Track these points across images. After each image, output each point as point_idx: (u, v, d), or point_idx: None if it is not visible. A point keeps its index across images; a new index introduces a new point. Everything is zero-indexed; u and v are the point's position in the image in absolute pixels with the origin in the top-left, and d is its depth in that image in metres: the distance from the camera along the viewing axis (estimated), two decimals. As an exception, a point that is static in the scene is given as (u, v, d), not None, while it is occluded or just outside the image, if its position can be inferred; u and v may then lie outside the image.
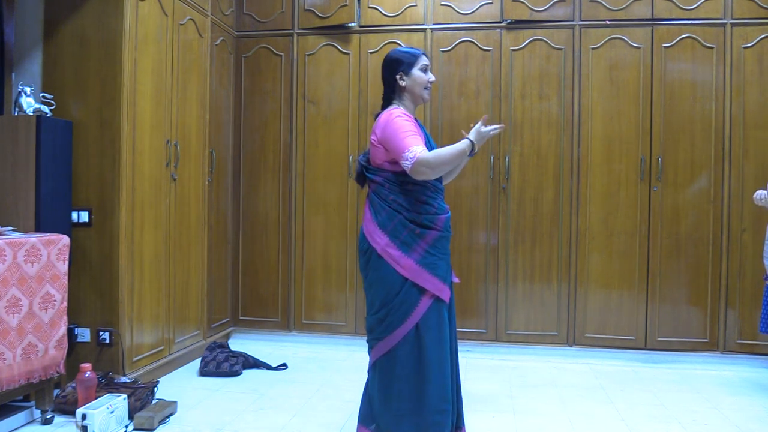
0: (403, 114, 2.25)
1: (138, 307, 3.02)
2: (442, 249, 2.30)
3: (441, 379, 2.22)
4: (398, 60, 2.33)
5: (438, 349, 2.24)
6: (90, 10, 2.91)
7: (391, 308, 2.24)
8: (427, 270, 2.23)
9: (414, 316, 2.22)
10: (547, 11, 3.72)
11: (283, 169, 4.05)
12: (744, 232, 3.53)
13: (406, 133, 2.17)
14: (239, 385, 3.14)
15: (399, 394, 2.23)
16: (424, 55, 2.35)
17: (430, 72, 2.36)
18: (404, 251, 2.23)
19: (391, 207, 2.27)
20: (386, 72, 2.36)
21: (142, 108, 3.02)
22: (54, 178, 2.72)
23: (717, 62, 3.58)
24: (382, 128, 2.24)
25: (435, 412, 2.20)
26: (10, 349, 2.30)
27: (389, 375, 2.27)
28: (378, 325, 2.29)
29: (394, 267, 2.24)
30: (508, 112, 3.77)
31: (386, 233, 2.26)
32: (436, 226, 2.28)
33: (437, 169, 2.16)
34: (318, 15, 3.97)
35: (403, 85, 2.32)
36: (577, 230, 3.70)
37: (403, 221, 2.25)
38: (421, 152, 2.13)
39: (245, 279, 4.10)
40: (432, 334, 2.23)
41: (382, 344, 2.28)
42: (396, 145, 2.19)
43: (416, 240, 2.24)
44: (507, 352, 3.75)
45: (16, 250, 2.33)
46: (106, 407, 2.38)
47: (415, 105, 2.37)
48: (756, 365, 3.51)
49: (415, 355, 2.22)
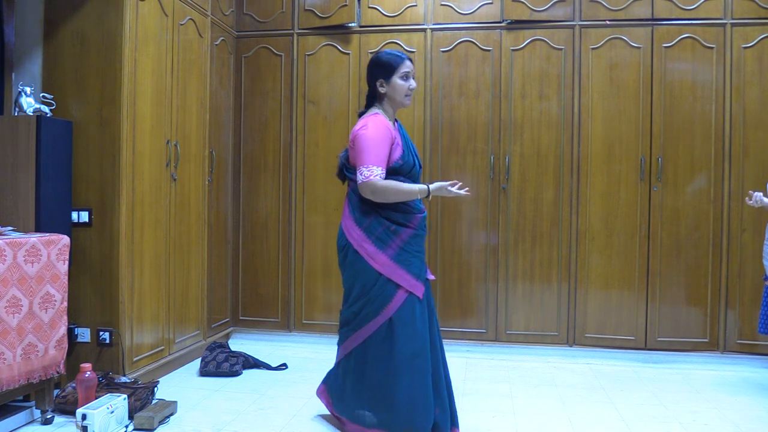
0: (382, 125, 2.32)
1: (138, 307, 3.02)
2: (416, 247, 2.38)
3: (411, 374, 2.27)
4: (380, 66, 2.39)
5: (411, 344, 2.29)
6: (90, 10, 2.91)
7: (366, 301, 2.33)
8: (401, 266, 2.32)
9: (388, 311, 2.30)
10: (547, 11, 3.72)
11: (283, 169, 4.05)
12: (744, 232, 3.53)
13: (371, 149, 2.27)
14: (239, 385, 3.14)
15: (370, 385, 2.32)
16: (407, 61, 2.39)
17: (412, 78, 2.41)
18: (379, 247, 2.32)
19: (368, 204, 2.35)
20: (368, 76, 2.44)
21: (142, 108, 3.03)
22: (54, 178, 2.72)
23: (717, 62, 3.58)
24: (356, 134, 2.34)
25: (403, 406, 2.25)
26: (10, 349, 2.30)
27: (362, 366, 2.35)
28: (353, 317, 2.38)
29: (369, 262, 2.33)
30: (508, 112, 3.77)
31: (362, 229, 2.36)
32: (411, 224, 2.36)
33: (380, 197, 2.29)
34: (318, 15, 3.97)
35: (383, 92, 2.40)
36: (577, 230, 3.70)
37: (379, 218, 2.34)
38: (375, 177, 2.26)
39: (245, 279, 4.10)
40: (405, 329, 2.29)
41: (356, 336, 2.38)
42: (360, 157, 2.30)
43: (391, 237, 2.33)
44: (507, 352, 3.75)
45: (16, 250, 2.33)
46: (106, 407, 2.38)
47: (395, 110, 2.44)
48: (756, 365, 3.51)
49: (387, 348, 2.29)
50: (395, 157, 2.34)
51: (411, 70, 2.39)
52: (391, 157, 2.34)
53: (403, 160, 2.36)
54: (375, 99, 2.44)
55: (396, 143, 2.36)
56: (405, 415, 2.24)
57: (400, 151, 2.36)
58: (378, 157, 2.26)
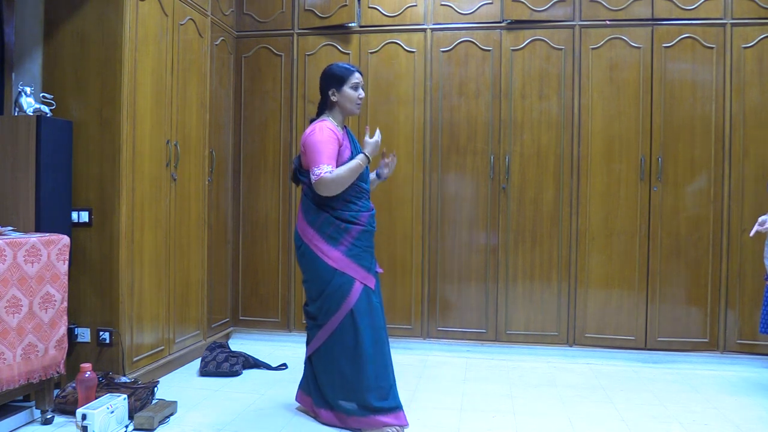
0: (327, 129, 2.51)
1: (138, 307, 3.02)
2: (366, 242, 2.58)
3: (375, 359, 2.49)
4: (331, 77, 2.61)
5: (371, 332, 2.51)
6: (90, 10, 2.91)
7: (327, 296, 2.52)
8: (353, 260, 2.52)
9: (347, 303, 2.49)
10: (547, 11, 3.72)
11: (283, 169, 4.04)
12: (744, 232, 3.53)
13: (321, 150, 2.45)
14: (239, 385, 3.14)
15: (341, 373, 2.50)
16: (357, 72, 2.62)
17: (361, 89, 2.63)
18: (331, 244, 2.52)
19: (318, 206, 2.55)
20: (321, 86, 2.65)
21: (142, 108, 3.02)
22: (54, 178, 2.72)
23: (717, 62, 3.58)
24: (305, 139, 2.54)
25: (372, 389, 2.47)
26: (10, 349, 2.30)
27: (331, 357, 2.54)
28: (319, 312, 2.56)
29: (323, 259, 2.52)
30: (508, 112, 3.77)
31: (315, 229, 2.55)
32: (360, 221, 2.55)
33: (336, 187, 2.45)
34: (318, 15, 3.97)
35: (334, 101, 2.61)
36: (577, 230, 3.70)
37: (329, 218, 2.53)
38: (325, 173, 2.42)
39: (245, 279, 4.10)
40: (364, 318, 2.50)
41: (323, 331, 2.55)
42: (310, 158, 2.49)
43: (342, 234, 2.52)
44: (507, 352, 3.75)
45: (16, 250, 2.33)
46: (106, 407, 2.38)
47: (344, 116, 2.65)
48: (756, 365, 3.51)
49: (352, 338, 2.49)
50: (344, 158, 2.53)
51: (360, 82, 2.61)
52: (341, 159, 2.52)
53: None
54: (325, 107, 2.63)
55: (344, 146, 2.56)
56: (376, 398, 2.45)
57: (348, 153, 2.56)
58: (326, 156, 2.44)
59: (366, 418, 2.46)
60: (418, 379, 3.27)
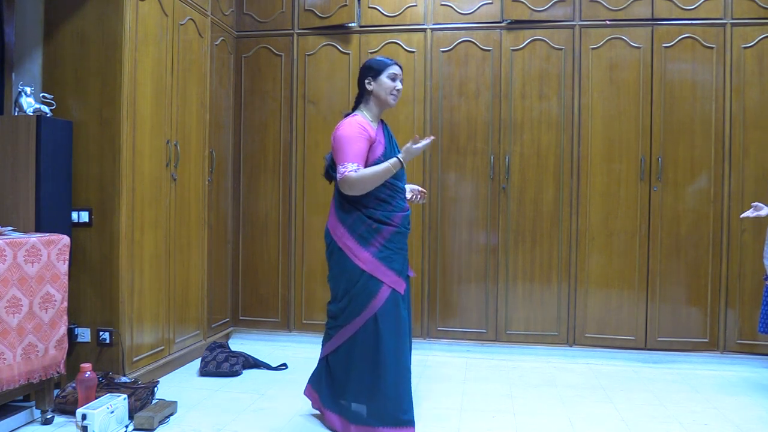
0: (357, 124, 2.42)
1: (138, 307, 3.02)
2: (398, 244, 2.46)
3: (396, 367, 2.37)
4: (369, 67, 2.54)
5: (395, 338, 2.40)
6: (90, 10, 2.91)
7: (352, 297, 2.42)
8: (383, 263, 2.41)
9: (372, 306, 2.38)
10: (547, 11, 3.72)
11: (283, 169, 4.05)
12: (744, 232, 3.53)
13: (348, 147, 2.37)
14: (239, 385, 3.14)
15: (357, 379, 2.40)
16: (396, 65, 2.53)
17: (400, 81, 2.53)
18: (362, 244, 2.41)
19: (351, 203, 2.45)
20: (359, 77, 2.57)
21: (142, 108, 3.03)
22: (54, 178, 2.72)
23: (717, 62, 3.58)
24: (334, 134, 2.46)
25: (390, 400, 2.35)
26: (11, 349, 2.30)
27: (349, 361, 2.44)
28: (341, 313, 2.47)
29: (352, 259, 2.42)
30: (508, 112, 3.77)
31: (345, 227, 2.45)
32: (393, 222, 2.44)
33: (359, 188, 2.36)
34: (318, 15, 3.97)
35: (370, 89, 2.51)
36: (577, 230, 3.70)
37: (362, 217, 2.42)
38: (350, 172, 2.34)
39: (245, 279, 4.10)
40: (389, 324, 2.39)
41: (343, 331, 2.46)
42: (337, 156, 2.41)
43: (373, 234, 2.41)
44: (507, 352, 3.75)
45: (16, 250, 2.33)
46: (106, 407, 2.38)
47: (380, 109, 2.55)
48: (756, 365, 3.51)
49: (373, 343, 2.38)
50: (377, 155, 2.43)
51: (399, 74, 2.53)
52: (373, 155, 2.43)
53: (385, 158, 2.44)
54: (361, 101, 2.55)
55: (377, 141, 2.46)
56: (391, 408, 2.34)
57: (381, 149, 2.46)
58: (352, 154, 2.36)
59: (370, 428, 2.35)
60: (419, 379, 3.28)
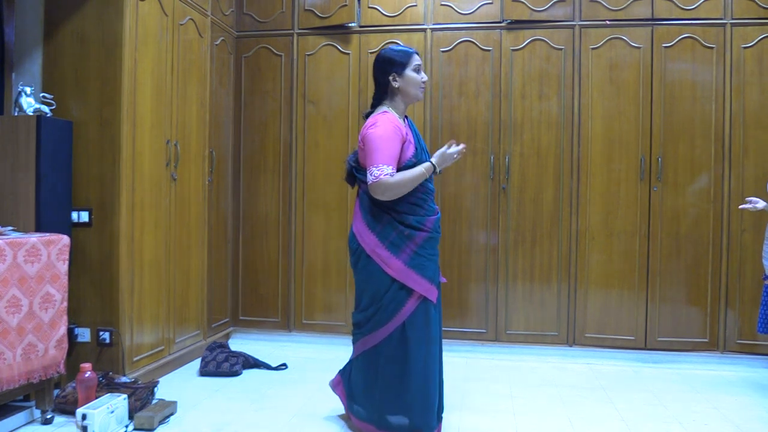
0: (391, 123, 2.24)
1: (138, 307, 3.02)
2: (430, 250, 2.31)
3: (424, 378, 2.26)
4: (390, 61, 2.32)
5: (423, 348, 2.27)
6: (90, 10, 2.91)
7: (380, 307, 2.27)
8: (415, 271, 2.26)
9: (400, 316, 2.25)
10: (547, 11, 3.72)
11: (283, 169, 4.05)
12: (744, 232, 3.53)
13: (382, 147, 2.19)
14: (239, 385, 3.14)
15: (383, 388, 2.28)
16: (416, 54, 2.35)
17: (423, 71, 2.36)
18: (393, 252, 2.25)
19: (380, 207, 2.28)
20: (378, 73, 2.35)
21: (142, 108, 3.02)
22: (54, 178, 2.72)
23: (717, 62, 3.58)
24: (365, 133, 2.26)
25: (416, 408, 2.25)
26: (10, 349, 2.30)
27: (374, 369, 2.32)
28: (366, 322, 2.33)
29: (382, 267, 2.26)
30: (508, 112, 3.77)
31: (375, 234, 2.28)
32: (425, 227, 2.29)
33: (394, 193, 2.20)
34: (318, 15, 3.97)
35: (397, 86, 2.32)
36: (577, 230, 3.70)
37: (392, 222, 2.26)
38: (385, 176, 2.16)
39: (245, 279, 4.10)
40: (418, 333, 2.26)
41: (367, 339, 2.33)
42: (370, 157, 2.22)
43: (405, 241, 2.26)
44: (507, 352, 3.75)
45: (16, 250, 2.33)
46: (106, 407, 2.38)
47: (406, 105, 2.37)
48: (756, 365, 3.51)
49: (401, 353, 2.26)
50: (408, 156, 2.28)
51: (421, 64, 2.36)
52: (404, 156, 2.27)
53: (417, 159, 2.29)
54: (383, 97, 2.36)
55: (408, 141, 2.30)
56: (417, 416, 2.25)
57: (412, 149, 2.30)
58: (388, 155, 2.19)
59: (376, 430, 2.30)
60: (418, 379, 3.27)
